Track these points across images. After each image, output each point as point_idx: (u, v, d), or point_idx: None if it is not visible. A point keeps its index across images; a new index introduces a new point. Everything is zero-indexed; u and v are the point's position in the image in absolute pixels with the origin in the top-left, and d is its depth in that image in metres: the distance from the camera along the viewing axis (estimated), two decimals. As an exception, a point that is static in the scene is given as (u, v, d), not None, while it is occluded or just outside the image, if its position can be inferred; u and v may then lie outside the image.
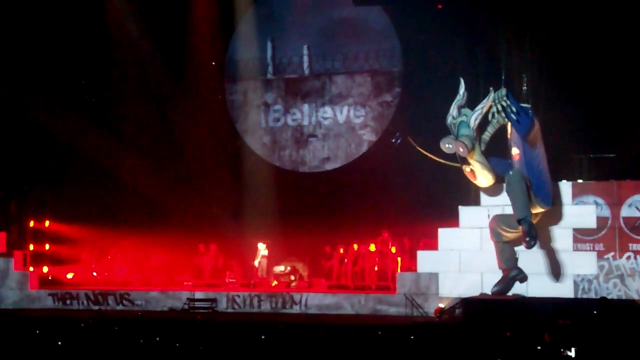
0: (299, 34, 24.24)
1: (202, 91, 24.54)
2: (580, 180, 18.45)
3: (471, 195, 19.01)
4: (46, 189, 24.37)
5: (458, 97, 16.33)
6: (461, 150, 15.96)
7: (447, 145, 16.13)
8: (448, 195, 19.97)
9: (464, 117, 16.18)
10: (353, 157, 23.71)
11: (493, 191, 18.00)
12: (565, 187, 17.98)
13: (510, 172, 16.50)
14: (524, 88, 17.77)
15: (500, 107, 15.97)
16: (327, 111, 24.07)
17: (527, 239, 16.07)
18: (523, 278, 16.83)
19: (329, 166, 24.00)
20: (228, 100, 25.03)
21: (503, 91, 16.12)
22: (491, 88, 16.11)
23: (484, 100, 16.07)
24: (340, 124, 23.92)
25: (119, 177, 23.97)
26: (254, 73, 24.74)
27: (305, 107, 24.33)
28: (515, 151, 16.54)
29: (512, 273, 16.85)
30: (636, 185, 17.97)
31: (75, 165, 24.38)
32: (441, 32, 20.71)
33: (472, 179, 16.83)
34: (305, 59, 24.27)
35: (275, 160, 24.47)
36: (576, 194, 18.04)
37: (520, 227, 16.21)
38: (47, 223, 23.87)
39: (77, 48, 23.85)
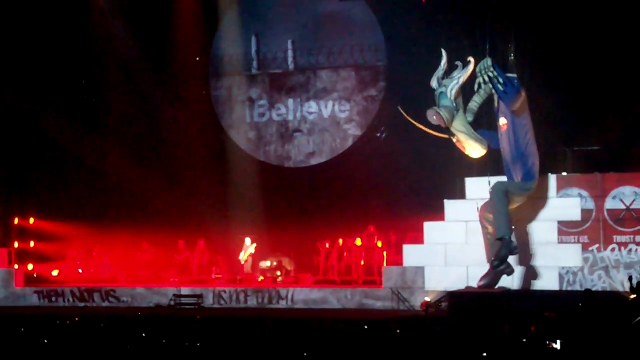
0: (283, 29, 24.20)
1: (187, 87, 24.45)
2: (564, 173, 18.53)
3: (457, 189, 19.07)
4: (31, 186, 24.26)
5: (439, 69, 16.32)
6: (434, 118, 15.97)
7: (432, 117, 16.14)
8: (434, 189, 20.04)
9: (443, 88, 16.19)
10: (338, 152, 23.70)
11: (479, 183, 18.02)
12: (550, 180, 18.05)
13: (491, 188, 16.51)
14: (511, 58, 17.68)
15: (487, 78, 15.96)
16: (312, 106, 24.06)
17: (493, 258, 16.12)
18: (510, 271, 16.87)
19: (314, 161, 23.99)
20: (213, 96, 24.97)
21: (489, 61, 16.08)
22: (470, 58, 16.05)
23: (463, 70, 16.05)
24: (326, 119, 23.92)
25: (104, 173, 23.92)
26: (238, 69, 24.68)
27: (290, 102, 24.31)
28: (502, 121, 16.54)
29: (500, 267, 16.89)
30: (620, 177, 18.06)
31: (59, 161, 24.29)
32: (426, 26, 20.72)
33: (462, 150, 16.79)
34: (290, 54, 24.24)
35: (261, 155, 24.44)
36: (561, 186, 18.11)
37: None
38: (31, 220, 23.80)
39: (61, 45, 23.74)
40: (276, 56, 24.32)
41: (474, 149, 16.59)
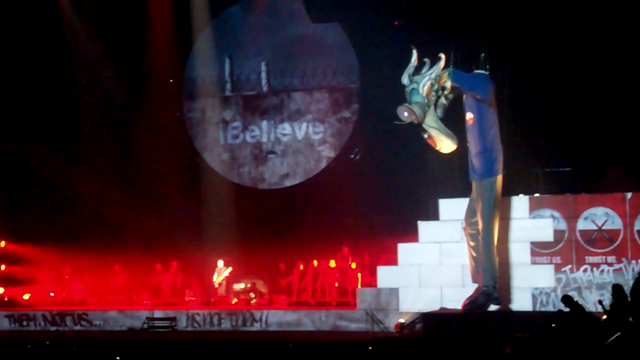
0: (256, 50, 24.27)
1: (160, 109, 24.42)
2: (537, 194, 18.61)
3: (430, 210, 19.09)
4: (1, 209, 24.04)
5: (409, 66, 16.23)
6: (406, 114, 15.78)
7: (404, 113, 15.97)
8: (407, 210, 20.05)
9: (415, 84, 16.09)
10: (312, 173, 23.73)
11: (452, 204, 18.00)
12: (522, 201, 18.06)
13: (482, 230, 16.24)
14: (482, 55, 17.52)
15: (449, 86, 15.87)
16: (286, 128, 24.09)
17: (468, 301, 15.99)
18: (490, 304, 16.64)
19: (288, 182, 24.00)
20: (186, 117, 24.95)
21: (449, 70, 15.94)
22: (441, 54, 15.95)
23: (434, 67, 15.93)
24: (299, 141, 23.96)
25: (76, 196, 23.77)
26: (212, 90, 24.70)
27: (264, 123, 24.33)
28: (469, 115, 16.35)
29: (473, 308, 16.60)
30: (592, 198, 18.19)
31: (31, 184, 24.11)
32: (398, 48, 20.79)
33: (433, 146, 16.58)
34: (264, 75, 24.29)
35: (234, 177, 24.42)
36: (533, 207, 18.17)
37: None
38: (2, 243, 23.56)
39: (32, 68, 23.64)
40: (249, 78, 24.36)
41: (445, 145, 16.38)
